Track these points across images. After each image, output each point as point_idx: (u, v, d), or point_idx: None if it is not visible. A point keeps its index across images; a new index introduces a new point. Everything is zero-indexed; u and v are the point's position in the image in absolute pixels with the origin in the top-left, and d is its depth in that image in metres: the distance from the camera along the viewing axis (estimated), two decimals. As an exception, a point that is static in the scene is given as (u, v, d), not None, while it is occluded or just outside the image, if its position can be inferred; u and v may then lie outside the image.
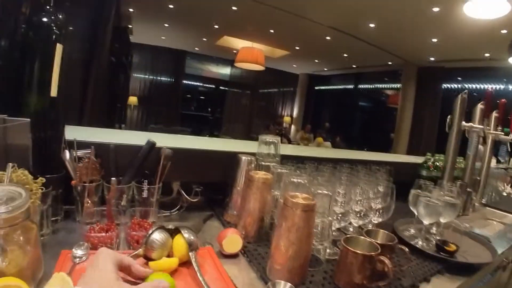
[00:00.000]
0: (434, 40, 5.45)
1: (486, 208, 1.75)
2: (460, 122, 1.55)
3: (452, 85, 7.08)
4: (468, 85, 6.62)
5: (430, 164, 1.72)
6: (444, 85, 7.11)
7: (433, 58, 6.67)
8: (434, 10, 4.19)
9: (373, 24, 5.29)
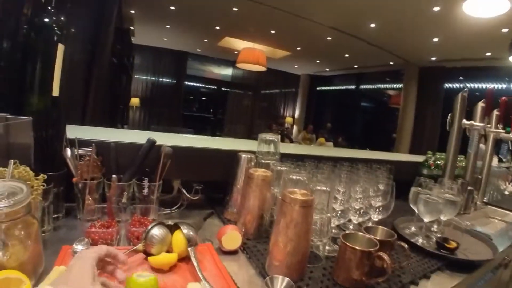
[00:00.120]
0: (435, 40, 5.44)
1: (488, 207, 1.74)
2: (460, 120, 1.55)
3: (454, 84, 7.05)
4: (469, 85, 6.58)
5: (431, 162, 1.72)
6: (446, 85, 7.09)
7: (434, 58, 6.66)
8: (434, 10, 4.19)
9: (374, 24, 5.29)
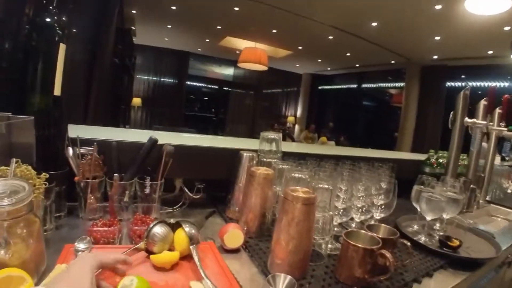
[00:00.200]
0: (437, 38, 5.42)
1: (490, 205, 1.74)
2: (463, 118, 1.54)
3: (456, 83, 7.03)
4: (471, 83, 6.56)
5: (433, 160, 1.71)
6: (448, 84, 7.07)
7: (436, 56, 6.64)
8: (436, 8, 4.17)
9: (375, 23, 5.27)
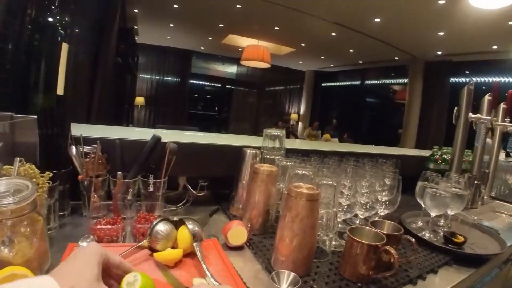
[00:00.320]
0: (441, 34, 5.37)
1: (495, 201, 1.72)
2: (467, 114, 1.53)
3: (460, 79, 6.97)
4: (476, 79, 6.49)
5: (438, 156, 1.70)
6: (452, 79, 7.01)
7: (440, 52, 6.59)
8: (439, 3, 4.14)
9: (378, 19, 5.24)
